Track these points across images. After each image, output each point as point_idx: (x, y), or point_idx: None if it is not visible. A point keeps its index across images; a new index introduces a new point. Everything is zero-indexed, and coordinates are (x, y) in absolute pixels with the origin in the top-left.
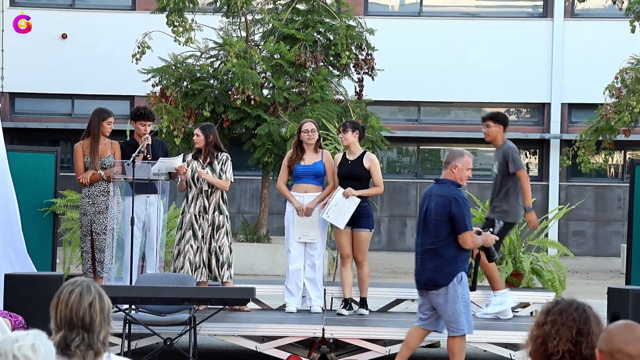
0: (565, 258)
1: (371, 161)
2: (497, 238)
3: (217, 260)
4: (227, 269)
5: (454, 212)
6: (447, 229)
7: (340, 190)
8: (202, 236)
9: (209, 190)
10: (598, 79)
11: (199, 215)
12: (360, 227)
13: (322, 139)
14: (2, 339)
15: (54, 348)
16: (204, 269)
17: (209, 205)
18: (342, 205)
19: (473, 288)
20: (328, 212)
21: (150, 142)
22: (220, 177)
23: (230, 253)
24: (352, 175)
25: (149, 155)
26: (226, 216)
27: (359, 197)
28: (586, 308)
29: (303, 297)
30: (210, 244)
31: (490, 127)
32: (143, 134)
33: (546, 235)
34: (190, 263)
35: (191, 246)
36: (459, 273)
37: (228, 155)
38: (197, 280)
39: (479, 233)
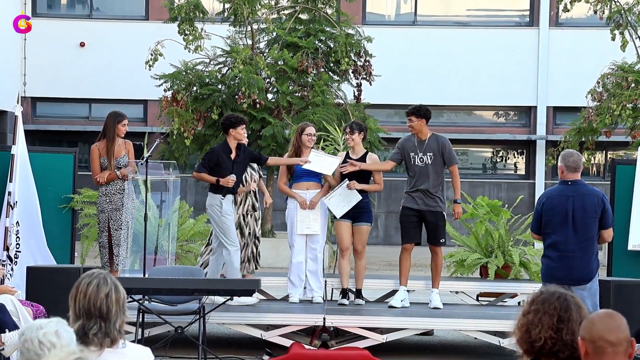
0: None
1: (374, 161)
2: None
3: (256, 248)
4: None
5: (606, 208)
6: (596, 225)
7: (345, 182)
8: (249, 233)
9: (255, 191)
10: (581, 83)
11: (247, 214)
12: (361, 221)
13: (322, 140)
14: (27, 326)
15: (74, 335)
16: (248, 263)
17: (257, 204)
18: (345, 196)
19: None
20: (330, 199)
21: (234, 181)
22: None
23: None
24: (356, 173)
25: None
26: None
27: (360, 191)
28: (567, 297)
29: (305, 288)
30: (256, 237)
31: (414, 122)
32: (243, 137)
33: None
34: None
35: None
36: (597, 268)
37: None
38: (243, 274)
39: None
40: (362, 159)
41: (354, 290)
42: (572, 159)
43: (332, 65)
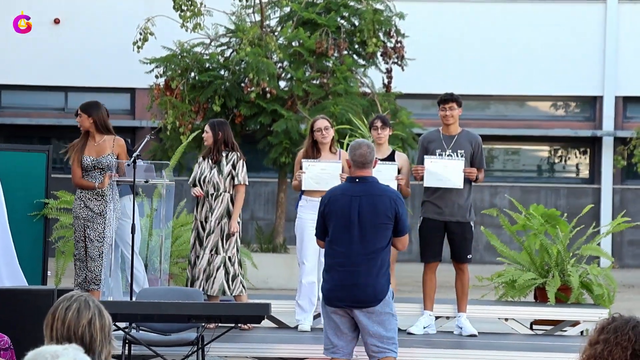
0: (620, 270)
1: (405, 161)
2: None
3: (227, 272)
4: (240, 282)
5: (400, 212)
6: (390, 232)
7: (394, 167)
8: (207, 245)
9: (215, 194)
10: None
11: (205, 222)
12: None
13: (347, 135)
14: (35, 353)
15: None
16: (206, 282)
17: (215, 211)
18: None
19: None
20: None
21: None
22: (232, 178)
23: (240, 263)
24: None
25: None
26: (238, 223)
27: None
28: None
29: (318, 314)
30: (217, 253)
31: (454, 110)
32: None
33: (598, 244)
34: (193, 273)
35: (197, 256)
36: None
37: (241, 155)
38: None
39: None
40: (391, 157)
41: None
42: (360, 152)
43: (357, 46)
